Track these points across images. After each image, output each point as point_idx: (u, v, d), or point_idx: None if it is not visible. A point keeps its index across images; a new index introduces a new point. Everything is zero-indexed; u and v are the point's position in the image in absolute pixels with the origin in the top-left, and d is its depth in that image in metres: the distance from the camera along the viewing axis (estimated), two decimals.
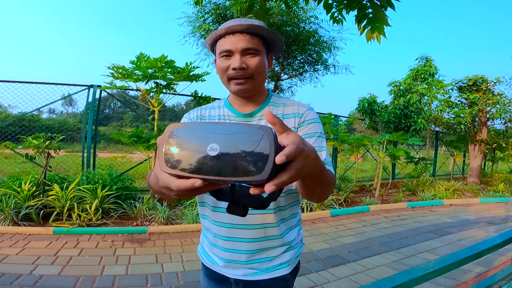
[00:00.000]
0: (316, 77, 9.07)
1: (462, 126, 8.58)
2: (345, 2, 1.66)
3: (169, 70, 4.07)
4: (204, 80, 4.41)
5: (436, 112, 8.81)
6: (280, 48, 0.90)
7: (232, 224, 0.84)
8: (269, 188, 0.39)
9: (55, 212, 3.60)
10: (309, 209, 4.86)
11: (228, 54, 0.81)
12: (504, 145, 9.82)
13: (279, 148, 0.40)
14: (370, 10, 1.58)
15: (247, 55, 0.80)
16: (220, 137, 0.39)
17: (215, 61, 0.88)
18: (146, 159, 4.88)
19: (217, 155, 0.38)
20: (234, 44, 0.80)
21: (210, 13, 7.18)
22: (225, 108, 0.92)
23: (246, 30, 0.80)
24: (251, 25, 0.79)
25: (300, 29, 7.45)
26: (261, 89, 0.90)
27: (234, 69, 0.80)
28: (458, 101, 9.11)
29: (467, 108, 8.83)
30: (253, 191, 0.41)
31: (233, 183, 0.40)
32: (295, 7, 6.35)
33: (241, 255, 0.86)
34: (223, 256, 0.88)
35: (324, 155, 0.82)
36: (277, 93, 1.07)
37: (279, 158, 0.38)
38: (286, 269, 0.89)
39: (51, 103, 4.78)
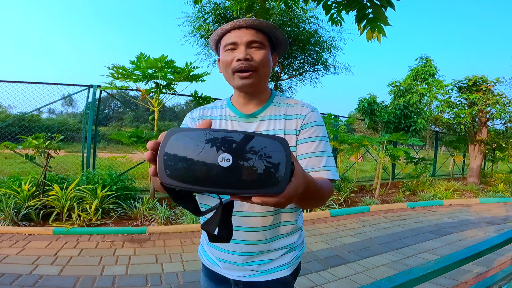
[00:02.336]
0: (316, 77, 9.08)
1: (462, 126, 8.59)
2: (344, 2, 1.66)
3: (169, 70, 4.07)
4: (204, 80, 4.41)
5: (436, 112, 8.81)
6: (284, 47, 0.89)
7: (234, 226, 0.84)
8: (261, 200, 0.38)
9: (55, 212, 3.60)
10: (309, 209, 4.86)
11: (233, 47, 0.80)
12: (504, 145, 9.83)
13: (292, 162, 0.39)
14: (370, 10, 1.58)
15: (252, 48, 0.80)
16: (231, 146, 0.36)
17: (218, 60, 0.87)
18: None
19: (229, 166, 0.35)
20: (239, 37, 0.80)
21: (210, 13, 7.18)
22: (227, 108, 0.91)
23: (252, 25, 0.80)
24: (256, 20, 0.79)
25: (300, 29, 7.46)
26: (265, 87, 0.88)
27: (238, 60, 0.79)
28: (458, 101, 9.12)
29: (467, 108, 8.83)
30: (256, 199, 0.38)
31: (245, 195, 0.37)
32: (295, 7, 6.35)
33: (241, 257, 0.86)
34: (223, 257, 0.88)
35: (324, 161, 0.80)
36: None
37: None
38: (286, 270, 0.88)
39: (51, 103, 4.78)
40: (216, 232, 0.50)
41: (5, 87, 4.56)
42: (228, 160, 0.35)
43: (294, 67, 8.62)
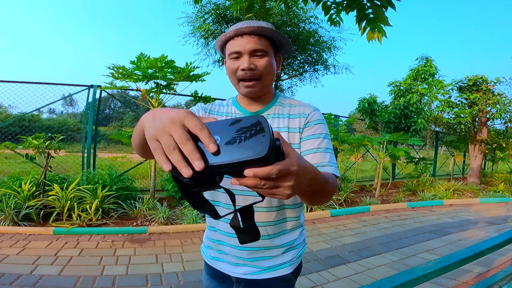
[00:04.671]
0: (316, 77, 9.09)
1: (462, 126, 8.58)
2: (344, 3, 1.66)
3: (169, 70, 4.06)
4: (204, 80, 4.41)
5: (436, 112, 8.81)
6: (287, 49, 0.92)
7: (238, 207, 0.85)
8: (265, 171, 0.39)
9: (55, 212, 3.60)
10: (309, 209, 4.86)
11: (237, 55, 0.83)
12: (504, 145, 9.82)
13: (274, 136, 0.42)
14: (370, 10, 1.58)
15: (255, 56, 0.82)
16: (219, 130, 0.41)
17: (225, 62, 0.90)
18: (146, 159, 4.87)
19: (218, 143, 0.40)
20: (242, 46, 0.82)
21: (210, 13, 7.19)
22: (233, 106, 0.95)
23: (254, 32, 0.82)
24: (258, 27, 0.81)
25: (300, 29, 7.46)
26: (269, 90, 0.92)
27: (243, 69, 0.82)
28: (458, 101, 9.12)
29: (467, 108, 8.83)
30: (248, 172, 0.39)
31: (236, 162, 0.39)
32: (294, 7, 6.35)
33: (243, 252, 0.87)
34: (226, 250, 0.90)
35: (328, 157, 0.83)
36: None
37: (270, 170, 0.40)
38: (287, 268, 0.89)
39: (51, 103, 4.78)
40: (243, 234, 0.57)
41: (5, 87, 4.56)
42: (217, 140, 0.40)
43: (294, 67, 8.62)
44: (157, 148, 0.40)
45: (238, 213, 0.55)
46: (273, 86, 0.94)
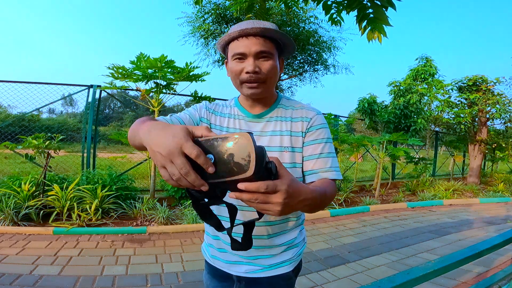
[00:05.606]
0: (316, 77, 9.11)
1: (462, 126, 8.58)
2: (345, 2, 1.66)
3: (169, 70, 4.06)
4: (204, 80, 4.40)
5: (436, 112, 8.81)
6: (291, 51, 0.90)
7: (236, 219, 0.85)
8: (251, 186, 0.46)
9: (55, 212, 3.60)
10: None
11: (242, 57, 0.81)
12: (504, 145, 9.82)
13: (260, 152, 0.47)
14: (370, 10, 1.58)
15: (260, 59, 0.80)
16: (212, 147, 0.47)
17: (226, 63, 0.88)
18: (146, 159, 4.88)
19: (213, 163, 0.46)
20: (248, 47, 0.79)
21: (210, 13, 7.19)
22: (236, 108, 0.94)
23: (260, 33, 0.79)
24: (264, 28, 0.79)
25: (300, 29, 7.47)
26: (272, 92, 0.91)
27: (247, 72, 0.80)
28: (458, 101, 9.12)
29: (467, 108, 8.83)
30: (241, 186, 0.46)
31: (229, 180, 0.46)
32: (294, 7, 6.35)
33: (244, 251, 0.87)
34: (227, 248, 0.90)
35: (329, 161, 0.84)
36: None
37: (259, 186, 0.46)
38: (288, 267, 0.90)
39: (51, 103, 4.78)
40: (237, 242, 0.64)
41: (5, 87, 4.56)
42: (211, 159, 0.46)
43: (294, 67, 8.63)
44: (168, 178, 0.48)
45: (239, 226, 0.62)
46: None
